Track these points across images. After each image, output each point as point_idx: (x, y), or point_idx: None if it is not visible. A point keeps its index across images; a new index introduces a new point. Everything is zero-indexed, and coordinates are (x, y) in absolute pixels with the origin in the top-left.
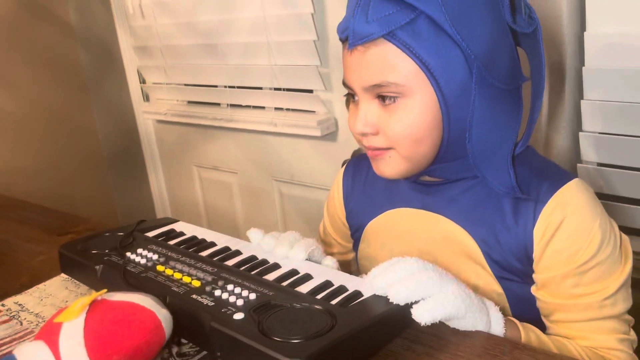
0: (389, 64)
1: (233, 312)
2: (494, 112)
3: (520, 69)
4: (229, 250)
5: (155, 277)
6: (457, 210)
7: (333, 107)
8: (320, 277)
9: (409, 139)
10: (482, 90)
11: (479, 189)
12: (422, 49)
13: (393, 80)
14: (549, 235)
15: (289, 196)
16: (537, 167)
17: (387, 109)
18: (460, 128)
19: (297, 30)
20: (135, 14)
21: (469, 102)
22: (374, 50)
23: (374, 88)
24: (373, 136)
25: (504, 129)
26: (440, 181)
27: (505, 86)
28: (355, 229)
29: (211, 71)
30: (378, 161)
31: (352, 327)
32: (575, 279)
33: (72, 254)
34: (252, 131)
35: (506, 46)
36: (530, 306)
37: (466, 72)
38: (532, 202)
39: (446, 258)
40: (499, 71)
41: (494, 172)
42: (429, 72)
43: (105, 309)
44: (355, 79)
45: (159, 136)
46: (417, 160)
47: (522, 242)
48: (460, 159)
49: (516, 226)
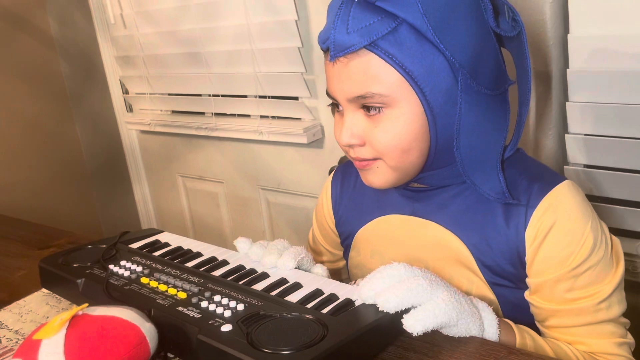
0: (372, 75)
1: (221, 323)
2: (481, 118)
3: (506, 73)
4: (216, 260)
5: (139, 289)
6: (447, 216)
7: (319, 113)
8: (310, 286)
9: (396, 150)
10: (469, 97)
11: (468, 193)
12: (405, 58)
13: (377, 91)
14: (541, 238)
15: (276, 204)
16: (527, 169)
17: (372, 120)
18: (448, 136)
19: (281, 38)
20: (117, 24)
21: (455, 109)
22: (357, 61)
23: (357, 99)
24: (359, 147)
25: (492, 135)
26: (429, 187)
27: (492, 91)
28: (345, 236)
29: (195, 80)
30: (366, 172)
31: (344, 336)
32: (568, 283)
33: (53, 267)
34: (238, 140)
35: (491, 51)
36: (524, 313)
37: (451, 79)
38: (522, 206)
39: (437, 264)
40: (485, 77)
41: (483, 178)
42: (413, 81)
43: (87, 324)
44: (338, 90)
45: (143, 147)
46: (405, 169)
47: (514, 245)
48: (449, 166)
49: (507, 229)
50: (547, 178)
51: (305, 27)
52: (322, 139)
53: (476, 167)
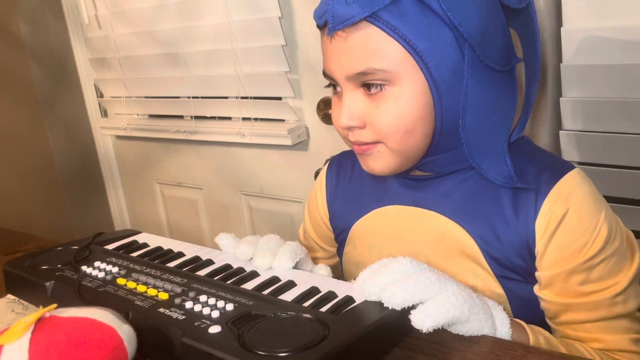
0: (373, 49)
1: (208, 325)
2: (488, 96)
3: (514, 49)
4: (200, 260)
5: (115, 291)
6: (451, 206)
7: (303, 114)
8: (305, 284)
9: (399, 131)
10: (476, 73)
11: (473, 181)
12: (408, 30)
13: (379, 67)
14: (552, 228)
15: (258, 210)
16: (535, 156)
17: (373, 99)
18: (453, 115)
19: (264, 36)
20: (91, 25)
21: (461, 86)
22: (357, 34)
23: (358, 76)
24: (359, 130)
25: (499, 115)
26: (431, 175)
27: (500, 67)
28: (339, 230)
29: (173, 82)
30: (366, 157)
31: (347, 336)
32: (582, 276)
33: (19, 270)
34: (218, 143)
35: (499, 23)
36: (534, 308)
37: (457, 53)
38: (532, 193)
39: (441, 258)
40: (493, 51)
41: (490, 161)
42: (418, 56)
43: (55, 327)
44: (336, 67)
45: (118, 153)
46: (408, 153)
47: (524, 237)
48: (453, 150)
49: (516, 220)
50: (556, 165)
51: (289, 24)
52: (307, 141)
53: (483, 150)
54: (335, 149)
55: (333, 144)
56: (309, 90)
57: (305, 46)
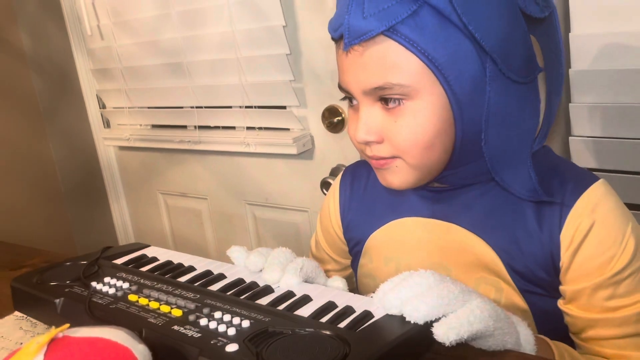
0: (391, 64)
1: (225, 343)
2: (511, 109)
3: (535, 59)
4: (211, 274)
5: (127, 307)
6: (472, 218)
7: (308, 123)
8: (321, 299)
9: (417, 146)
10: (498, 85)
11: (495, 192)
12: (427, 43)
13: (397, 82)
14: (578, 241)
15: (263, 220)
16: (557, 167)
17: (391, 113)
18: (474, 129)
19: (269, 44)
20: (94, 36)
21: (483, 99)
22: (374, 49)
23: (375, 91)
24: (377, 145)
25: (522, 127)
26: (451, 187)
27: (522, 79)
28: (354, 243)
29: (177, 92)
30: (384, 172)
31: (369, 353)
32: (609, 290)
33: (27, 287)
34: (222, 153)
35: (520, 33)
36: (558, 323)
37: (478, 65)
38: (557, 206)
39: (461, 271)
40: (515, 62)
41: (512, 174)
42: (437, 69)
43: (68, 348)
44: (353, 82)
45: (121, 164)
46: (427, 168)
47: (548, 249)
48: (474, 163)
49: (540, 232)
50: (580, 176)
51: (293, 33)
52: (312, 150)
53: (505, 163)
54: (341, 158)
55: (338, 153)
56: (314, 98)
57: (309, 54)
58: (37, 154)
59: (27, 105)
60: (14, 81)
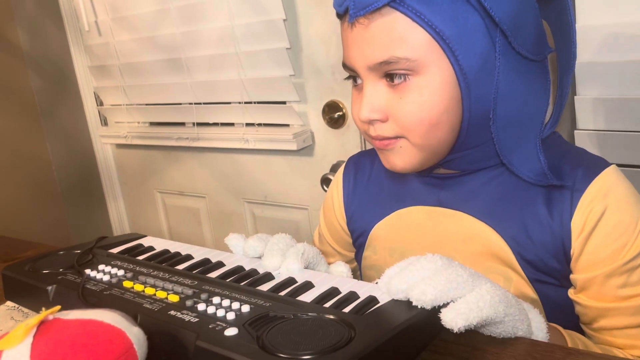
0: (397, 36)
1: (224, 327)
2: (521, 87)
3: (546, 38)
4: (210, 262)
5: (121, 294)
6: (480, 205)
7: (308, 119)
8: (324, 285)
9: (423, 124)
10: (507, 62)
11: (503, 178)
12: (435, 15)
13: (403, 55)
14: (590, 228)
15: (262, 218)
16: (568, 153)
17: (396, 90)
18: (483, 108)
19: (268, 39)
20: (91, 32)
21: (492, 76)
22: (380, 21)
23: (380, 66)
24: (381, 124)
25: (532, 107)
26: (457, 173)
27: (533, 56)
28: (358, 234)
29: (175, 88)
30: (387, 153)
31: (375, 337)
32: (622, 279)
33: (19, 275)
34: (221, 150)
35: (531, 9)
36: (569, 313)
37: (487, 40)
38: (567, 191)
39: (469, 261)
40: (525, 38)
41: (521, 157)
42: (445, 43)
43: (59, 331)
44: (358, 57)
45: (118, 162)
46: (433, 148)
47: (559, 237)
48: (481, 145)
49: (550, 219)
50: (592, 162)
51: (293, 27)
52: (312, 146)
53: (514, 145)
54: (342, 154)
55: (339, 149)
56: (314, 94)
57: (310, 49)
58: (34, 152)
59: (24, 103)
60: (11, 78)
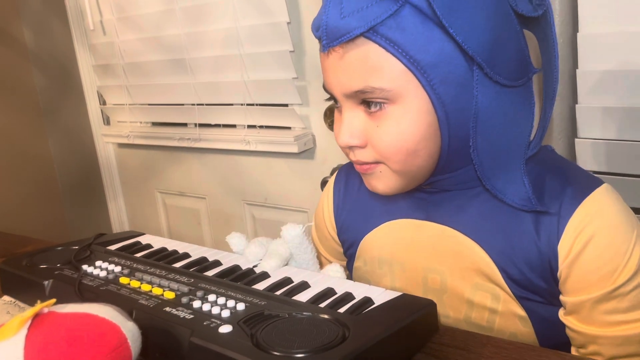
0: (371, 66)
1: (218, 324)
2: (501, 114)
3: (529, 60)
4: (207, 261)
5: (117, 290)
6: (467, 221)
7: (310, 122)
8: (319, 285)
9: (399, 153)
10: (485, 89)
11: (489, 195)
12: (409, 45)
13: (378, 85)
14: (577, 250)
15: (262, 220)
16: (557, 170)
17: (373, 118)
18: (462, 135)
19: (272, 41)
20: (96, 31)
21: (470, 104)
22: (354, 51)
23: (356, 94)
24: (360, 149)
25: (514, 132)
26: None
27: (513, 82)
28: (348, 245)
29: (178, 89)
30: (368, 177)
31: (369, 337)
32: (611, 305)
33: (16, 269)
34: (222, 151)
35: (511, 34)
36: (559, 331)
37: (464, 68)
38: (554, 214)
39: (457, 277)
40: (504, 66)
41: (505, 182)
42: (420, 72)
43: (53, 323)
44: (334, 84)
45: (120, 161)
46: (412, 174)
47: (546, 258)
48: (463, 169)
49: (537, 238)
50: (582, 181)
51: (297, 30)
52: (313, 149)
53: (496, 170)
54: (343, 158)
55: (340, 153)
56: (316, 97)
57: (313, 52)
58: (36, 149)
59: (27, 101)
60: (15, 76)
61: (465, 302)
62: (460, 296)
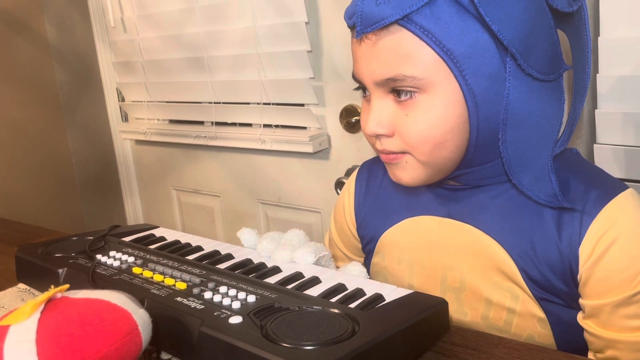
0: (404, 54)
1: (228, 315)
2: (532, 109)
3: (562, 56)
4: (219, 254)
5: (130, 279)
6: (488, 219)
7: (326, 122)
8: (330, 281)
9: (427, 143)
10: (518, 83)
11: (512, 194)
12: (443, 34)
13: (410, 74)
14: (598, 254)
15: (275, 220)
16: (583, 172)
17: (403, 106)
18: (491, 128)
19: (290, 41)
20: (117, 28)
21: (501, 96)
22: (387, 38)
23: (387, 82)
24: (387, 138)
25: (543, 127)
26: (467, 185)
27: (545, 77)
28: (367, 240)
29: (196, 87)
30: (393, 167)
31: (378, 332)
32: (631, 309)
33: (31, 257)
34: (238, 150)
35: (545, 28)
36: (578, 335)
37: (497, 60)
38: (578, 214)
39: (477, 275)
40: (537, 58)
41: (531, 178)
42: (452, 62)
43: (66, 308)
44: (365, 72)
45: (136, 158)
46: (438, 166)
47: (567, 260)
48: (491, 163)
49: (559, 239)
50: (607, 184)
51: (315, 30)
52: (328, 149)
53: (524, 166)
54: (357, 159)
55: (355, 154)
56: (333, 97)
57: (330, 53)
58: (55, 144)
59: (48, 95)
60: (37, 70)
61: (484, 300)
62: (479, 295)
